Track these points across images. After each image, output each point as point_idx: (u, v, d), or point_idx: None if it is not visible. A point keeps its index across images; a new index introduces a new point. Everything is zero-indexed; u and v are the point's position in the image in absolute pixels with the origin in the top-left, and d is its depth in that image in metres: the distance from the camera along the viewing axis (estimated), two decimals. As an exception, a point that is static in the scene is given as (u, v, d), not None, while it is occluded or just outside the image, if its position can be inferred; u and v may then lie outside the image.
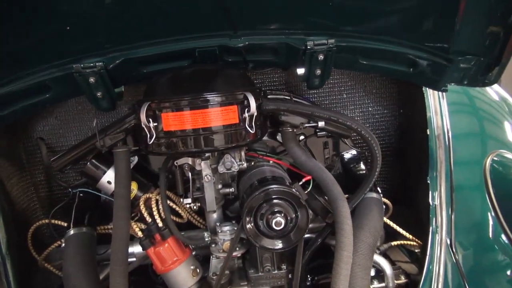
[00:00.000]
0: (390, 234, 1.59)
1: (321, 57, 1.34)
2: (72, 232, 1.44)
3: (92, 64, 1.28)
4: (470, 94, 1.77)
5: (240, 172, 1.52)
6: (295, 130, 1.47)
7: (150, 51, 1.32)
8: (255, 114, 1.30)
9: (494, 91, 1.87)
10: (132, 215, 1.50)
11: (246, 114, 1.29)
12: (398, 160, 1.89)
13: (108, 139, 1.35)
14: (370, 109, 1.86)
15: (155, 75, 1.39)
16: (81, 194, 1.60)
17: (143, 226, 1.48)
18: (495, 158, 1.52)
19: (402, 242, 1.56)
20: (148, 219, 1.44)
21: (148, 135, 1.29)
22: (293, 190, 1.29)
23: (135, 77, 1.45)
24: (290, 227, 1.29)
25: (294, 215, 1.28)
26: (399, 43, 1.34)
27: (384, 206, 1.55)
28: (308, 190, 1.40)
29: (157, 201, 1.47)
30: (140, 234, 1.44)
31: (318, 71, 1.41)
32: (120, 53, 1.30)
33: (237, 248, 1.41)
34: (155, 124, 1.28)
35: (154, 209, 1.44)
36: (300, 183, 1.37)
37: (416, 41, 1.33)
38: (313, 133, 1.57)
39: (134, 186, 1.49)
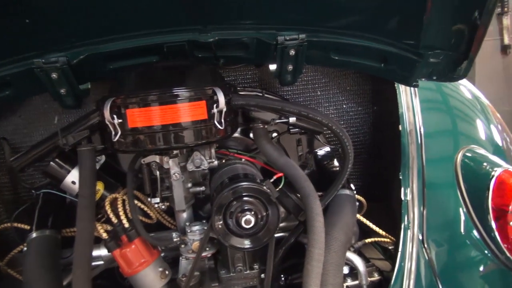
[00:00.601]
0: (365, 231, 1.58)
1: (292, 52, 1.32)
2: (34, 235, 1.38)
3: (54, 59, 1.23)
4: (443, 91, 1.78)
5: (212, 170, 1.48)
6: (266, 127, 1.45)
7: (116, 46, 1.27)
8: (224, 109, 1.26)
9: (467, 89, 1.88)
10: (99, 216, 1.45)
11: (215, 110, 1.26)
12: (372, 157, 1.88)
13: (71, 137, 1.30)
14: (344, 106, 1.86)
15: (122, 71, 1.34)
16: (45, 196, 1.54)
17: (109, 228, 1.43)
18: (467, 154, 1.53)
19: (376, 239, 1.55)
20: (114, 220, 1.39)
21: (113, 132, 1.24)
22: (264, 187, 1.26)
23: (101, 74, 1.39)
24: (260, 225, 1.25)
25: (264, 213, 1.26)
26: (370, 38, 1.34)
27: (358, 203, 1.54)
28: (280, 187, 1.37)
29: (123, 201, 1.42)
30: (105, 235, 1.39)
31: (290, 67, 1.39)
32: (85, 48, 1.25)
33: (207, 248, 1.38)
34: (120, 120, 1.23)
35: (120, 209, 1.39)
36: (271, 180, 1.34)
37: (386, 36, 1.32)
38: (286, 130, 1.55)
39: (100, 186, 1.44)
